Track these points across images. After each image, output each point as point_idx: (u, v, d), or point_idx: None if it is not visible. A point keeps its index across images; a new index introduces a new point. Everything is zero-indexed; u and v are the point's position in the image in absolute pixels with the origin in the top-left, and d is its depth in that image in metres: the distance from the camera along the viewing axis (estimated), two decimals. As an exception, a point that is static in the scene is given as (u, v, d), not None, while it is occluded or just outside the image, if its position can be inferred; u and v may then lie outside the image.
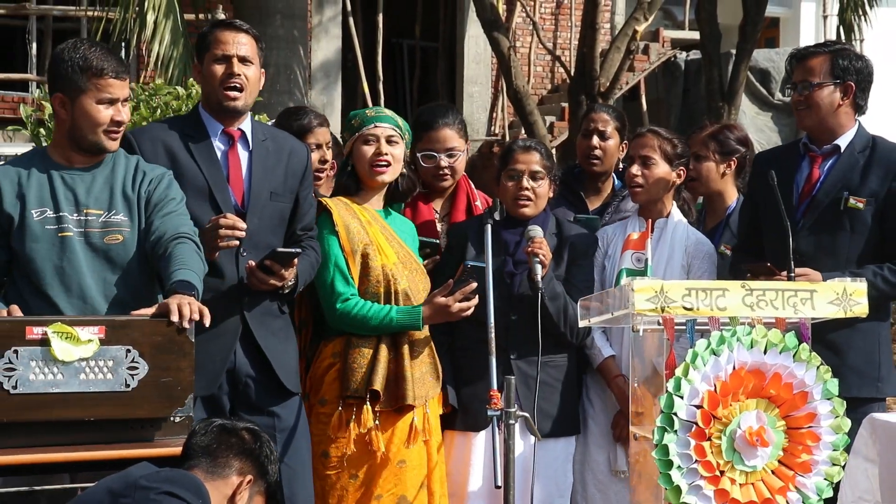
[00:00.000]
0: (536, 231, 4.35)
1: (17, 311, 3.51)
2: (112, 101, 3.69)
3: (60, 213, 3.68)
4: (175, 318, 3.37)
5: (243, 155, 4.15)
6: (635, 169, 4.56)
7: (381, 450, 4.15)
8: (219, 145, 4.15)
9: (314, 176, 4.60)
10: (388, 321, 4.19)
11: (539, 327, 4.22)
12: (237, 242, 3.92)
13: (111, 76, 3.68)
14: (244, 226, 3.93)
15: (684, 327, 3.77)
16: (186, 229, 3.70)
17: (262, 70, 4.21)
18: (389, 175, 4.34)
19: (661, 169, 4.56)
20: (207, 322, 3.46)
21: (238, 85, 4.10)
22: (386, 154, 4.30)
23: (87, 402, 3.33)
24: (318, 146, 4.80)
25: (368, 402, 4.16)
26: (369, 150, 4.29)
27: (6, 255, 3.70)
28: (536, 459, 4.28)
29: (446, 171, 4.65)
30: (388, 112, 4.42)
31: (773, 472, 3.68)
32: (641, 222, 4.59)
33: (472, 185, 4.83)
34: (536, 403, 4.23)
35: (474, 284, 4.18)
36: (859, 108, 4.46)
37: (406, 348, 4.22)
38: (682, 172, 4.63)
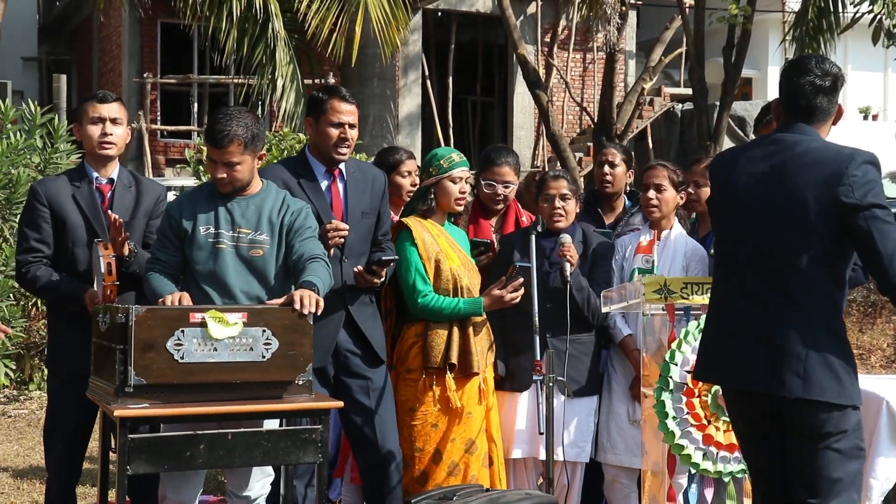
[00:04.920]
0: (566, 238, 4.32)
1: (186, 298, 3.54)
2: (213, 162, 3.68)
3: (219, 230, 3.69)
4: (297, 306, 3.39)
5: (340, 186, 4.14)
6: (651, 194, 4.49)
7: (457, 406, 4.14)
8: (323, 181, 4.13)
9: (407, 195, 4.66)
10: (458, 310, 4.18)
11: (568, 313, 4.20)
12: (342, 240, 3.94)
13: (209, 143, 3.67)
14: (345, 226, 3.95)
15: (682, 312, 3.74)
16: (319, 252, 3.68)
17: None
18: (463, 207, 4.37)
19: (670, 194, 4.50)
20: (320, 311, 3.46)
21: (348, 145, 4.10)
22: (465, 192, 4.32)
23: (233, 369, 3.34)
24: (409, 173, 4.82)
25: (449, 371, 4.15)
26: (455, 188, 4.28)
27: (182, 257, 3.73)
28: (566, 412, 4.25)
29: (500, 197, 4.63)
30: (464, 158, 4.40)
31: (748, 422, 3.63)
32: (650, 233, 4.55)
33: (520, 206, 4.81)
34: (566, 371, 4.22)
35: (521, 280, 4.16)
36: None
37: (471, 329, 4.19)
38: (683, 195, 4.57)
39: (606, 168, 4.93)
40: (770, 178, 3.09)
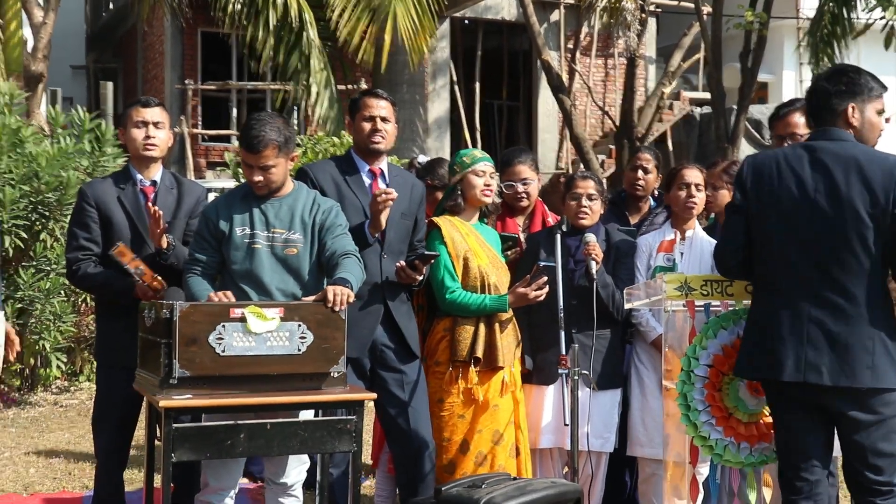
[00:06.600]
0: (591, 237, 4.29)
1: (229, 295, 3.53)
2: (249, 166, 3.68)
3: (254, 231, 3.69)
4: (329, 303, 3.40)
5: (382, 186, 4.14)
6: (693, 191, 4.44)
7: (480, 399, 4.13)
8: (366, 179, 4.16)
9: None
10: (484, 306, 4.16)
11: (594, 309, 4.17)
12: (390, 203, 3.92)
13: (244, 149, 3.67)
14: (393, 192, 3.94)
15: (702, 309, 3.70)
16: (350, 248, 3.69)
17: (396, 125, 4.23)
18: (491, 199, 4.33)
19: (703, 194, 4.48)
20: (352, 300, 3.46)
21: (380, 135, 4.13)
22: (490, 184, 4.29)
23: (271, 362, 3.36)
24: None
25: (473, 365, 4.14)
26: (480, 180, 4.26)
27: (220, 257, 3.74)
28: (591, 405, 4.23)
29: (522, 195, 4.63)
30: (487, 155, 4.39)
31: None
32: (673, 232, 4.50)
33: (546, 207, 4.81)
34: (591, 365, 4.19)
35: (545, 279, 4.14)
36: None
37: (497, 325, 4.17)
38: (705, 197, 4.54)
39: (640, 173, 4.94)
40: (823, 187, 3.20)
